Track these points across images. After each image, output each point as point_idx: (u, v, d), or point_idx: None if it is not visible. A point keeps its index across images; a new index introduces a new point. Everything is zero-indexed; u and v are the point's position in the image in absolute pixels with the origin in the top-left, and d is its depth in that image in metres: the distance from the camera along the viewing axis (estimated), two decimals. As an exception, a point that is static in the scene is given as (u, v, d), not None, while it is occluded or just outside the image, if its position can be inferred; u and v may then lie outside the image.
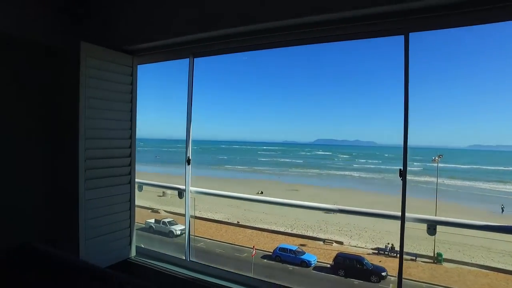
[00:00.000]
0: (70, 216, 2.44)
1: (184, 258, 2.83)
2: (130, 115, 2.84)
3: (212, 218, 15.51)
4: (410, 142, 1.99)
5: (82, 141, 2.46)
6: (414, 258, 11.12)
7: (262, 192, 21.39)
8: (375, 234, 14.17)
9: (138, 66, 2.91)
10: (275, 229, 14.88)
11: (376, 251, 12.55)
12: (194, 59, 2.75)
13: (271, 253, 11.75)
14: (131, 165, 2.85)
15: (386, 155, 39.79)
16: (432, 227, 2.22)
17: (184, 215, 2.81)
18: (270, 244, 12.90)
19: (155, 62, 2.93)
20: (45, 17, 2.80)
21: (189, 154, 2.76)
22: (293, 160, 40.18)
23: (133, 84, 2.86)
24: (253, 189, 21.72)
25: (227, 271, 2.63)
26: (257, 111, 72.81)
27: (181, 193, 2.88)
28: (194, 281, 2.58)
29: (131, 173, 2.86)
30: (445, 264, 10.94)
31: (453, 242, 11.40)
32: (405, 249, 2.06)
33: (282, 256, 11.49)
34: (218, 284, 2.48)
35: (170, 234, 12.89)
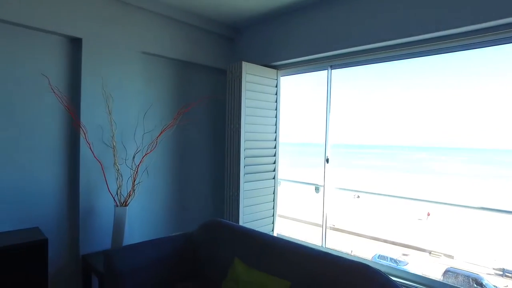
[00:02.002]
0: (237, 202, 3.03)
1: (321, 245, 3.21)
2: (275, 120, 3.35)
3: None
4: None
5: (243, 142, 3.03)
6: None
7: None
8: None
9: (281, 77, 3.41)
10: (376, 236, 14.35)
11: (501, 272, 10.75)
12: (332, 70, 3.12)
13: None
14: (275, 163, 3.35)
15: None
16: None
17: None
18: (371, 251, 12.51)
19: (296, 74, 3.37)
20: (215, 47, 3.53)
21: (328, 155, 3.13)
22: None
23: (277, 93, 3.36)
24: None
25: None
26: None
27: (317, 188, 3.26)
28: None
29: (275, 170, 3.35)
30: None
31: None
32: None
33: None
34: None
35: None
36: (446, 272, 10.34)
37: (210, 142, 3.67)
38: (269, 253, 2.04)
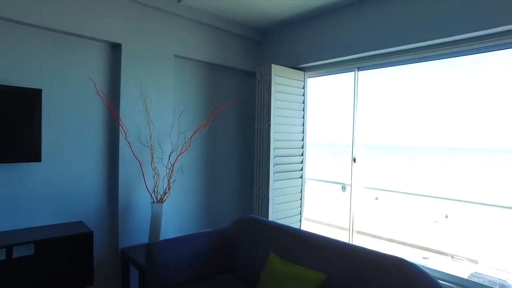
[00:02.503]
0: (267, 200, 3.13)
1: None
2: (303, 121, 3.44)
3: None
4: None
5: (272, 142, 3.13)
6: None
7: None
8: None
9: (308, 78, 3.49)
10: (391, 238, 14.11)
11: (530, 280, 10.64)
12: (359, 72, 3.18)
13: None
14: (302, 162, 3.44)
15: None
16: None
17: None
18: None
19: (322, 75, 3.45)
20: (243, 50, 3.65)
21: (354, 154, 3.19)
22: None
23: (304, 95, 3.45)
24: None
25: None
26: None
27: (344, 187, 3.33)
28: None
29: (302, 169, 3.44)
30: None
31: None
32: None
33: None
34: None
35: None
36: (471, 277, 10.18)
37: (238, 142, 3.79)
38: (304, 247, 2.13)
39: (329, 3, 3.00)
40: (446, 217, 16.39)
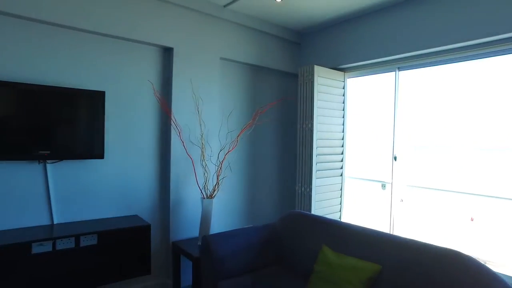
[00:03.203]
0: (309, 197, 3.23)
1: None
2: (343, 120, 3.51)
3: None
4: None
5: (315, 141, 3.23)
6: None
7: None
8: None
9: (347, 79, 3.57)
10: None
11: None
12: (399, 72, 3.23)
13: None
14: (343, 160, 3.52)
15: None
16: None
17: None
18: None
19: (362, 76, 3.52)
20: (283, 52, 3.75)
21: (395, 153, 3.25)
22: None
23: (344, 94, 3.53)
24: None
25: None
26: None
27: (384, 185, 3.39)
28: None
29: (342, 167, 3.52)
30: None
31: None
32: None
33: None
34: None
35: None
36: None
37: (277, 140, 3.90)
38: (356, 240, 2.22)
39: (368, 6, 3.07)
40: (472, 219, 15.94)
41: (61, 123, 2.47)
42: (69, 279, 2.33)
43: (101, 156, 2.61)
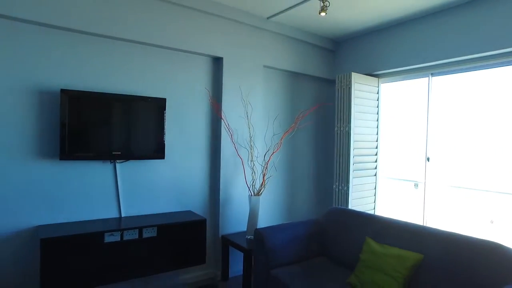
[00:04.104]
0: (346, 195, 3.47)
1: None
2: (377, 123, 3.74)
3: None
4: None
5: (352, 142, 3.47)
6: None
7: None
8: None
9: (381, 84, 3.79)
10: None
11: None
12: (433, 77, 3.43)
13: None
14: (376, 161, 3.74)
15: None
16: None
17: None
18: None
19: (395, 81, 3.73)
20: (318, 59, 4.00)
21: (428, 154, 3.45)
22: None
23: (378, 99, 3.75)
24: None
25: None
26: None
27: (416, 184, 3.59)
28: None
29: (376, 168, 3.74)
30: None
31: None
32: None
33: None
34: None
35: None
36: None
37: (314, 143, 4.15)
38: (398, 233, 2.44)
39: (401, 17, 3.29)
40: (492, 222, 15.75)
41: (129, 127, 2.79)
42: (134, 266, 2.63)
43: (162, 156, 2.92)
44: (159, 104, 2.90)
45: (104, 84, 2.70)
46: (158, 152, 2.91)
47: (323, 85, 4.17)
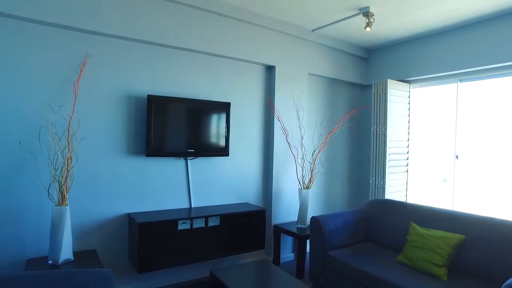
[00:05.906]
0: (383, 189, 3.88)
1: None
2: (408, 125, 4.14)
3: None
4: None
5: (388, 142, 3.87)
6: None
7: None
8: None
9: (412, 89, 4.20)
10: None
11: None
12: (460, 83, 3.83)
13: None
14: (408, 159, 4.15)
15: None
16: None
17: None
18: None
19: (425, 86, 4.13)
20: (353, 66, 4.41)
21: (457, 152, 3.85)
22: None
23: (409, 103, 4.15)
24: None
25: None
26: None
27: (445, 180, 3.99)
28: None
29: (408, 165, 4.15)
30: None
31: None
32: None
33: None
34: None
35: None
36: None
37: (351, 143, 4.55)
38: (440, 218, 2.83)
39: (432, 29, 3.69)
40: None
41: (200, 127, 3.20)
42: (202, 250, 3.05)
43: (227, 154, 3.33)
44: (225, 107, 3.31)
45: (178, 90, 3.12)
46: (224, 150, 3.33)
47: (356, 90, 4.58)
